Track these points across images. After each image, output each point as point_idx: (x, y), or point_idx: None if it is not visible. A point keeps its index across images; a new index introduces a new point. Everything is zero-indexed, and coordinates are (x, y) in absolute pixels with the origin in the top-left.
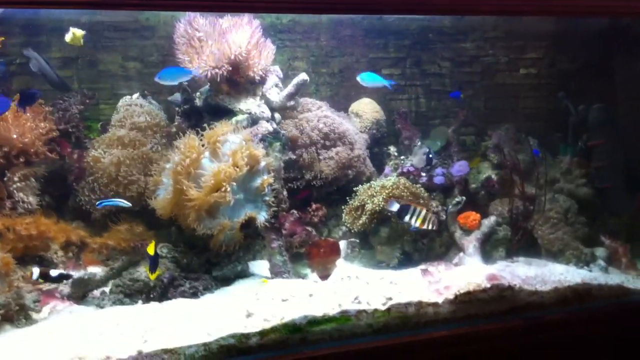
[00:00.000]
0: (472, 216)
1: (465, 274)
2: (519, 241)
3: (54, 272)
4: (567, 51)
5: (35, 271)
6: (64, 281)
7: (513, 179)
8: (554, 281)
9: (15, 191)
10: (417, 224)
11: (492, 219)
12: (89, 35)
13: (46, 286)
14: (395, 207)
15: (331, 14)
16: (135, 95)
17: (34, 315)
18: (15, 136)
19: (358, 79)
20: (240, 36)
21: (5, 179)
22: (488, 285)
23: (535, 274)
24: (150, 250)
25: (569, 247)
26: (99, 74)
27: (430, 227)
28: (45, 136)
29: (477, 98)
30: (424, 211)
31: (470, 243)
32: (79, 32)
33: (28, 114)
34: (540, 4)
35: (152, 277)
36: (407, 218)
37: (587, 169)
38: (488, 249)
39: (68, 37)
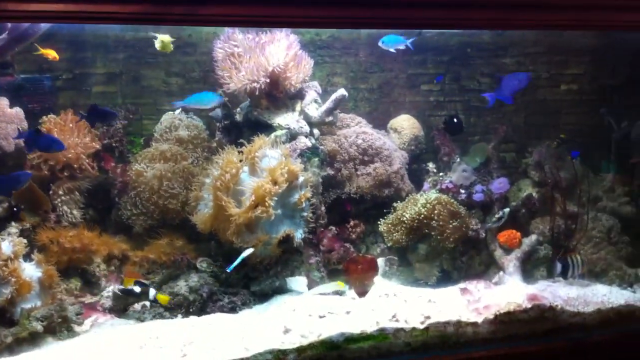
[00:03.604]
0: (513, 234)
1: (505, 293)
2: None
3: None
4: (609, 67)
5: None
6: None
7: (555, 197)
8: (597, 302)
9: (59, 204)
10: (580, 271)
11: (533, 237)
12: (133, 51)
13: (88, 299)
14: (559, 268)
15: (367, 28)
16: (178, 111)
17: (76, 328)
18: None
19: (380, 43)
20: (278, 49)
21: (50, 192)
22: (529, 306)
23: (578, 294)
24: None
25: (612, 267)
26: (142, 89)
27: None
28: (89, 150)
29: (518, 114)
30: (578, 257)
31: (511, 262)
32: (167, 38)
33: (71, 126)
34: (578, 18)
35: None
36: (570, 273)
37: (630, 187)
38: (529, 268)
39: (158, 45)
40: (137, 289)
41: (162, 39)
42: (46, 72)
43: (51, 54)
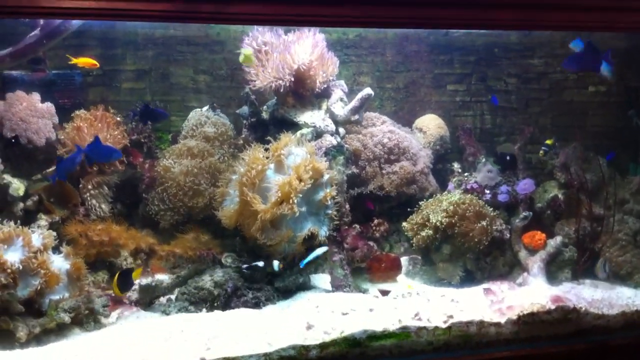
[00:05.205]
0: (538, 236)
1: (529, 294)
2: (586, 263)
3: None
4: (636, 68)
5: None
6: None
7: (580, 199)
8: (622, 305)
9: (88, 198)
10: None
11: (558, 239)
12: (162, 48)
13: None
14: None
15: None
16: (205, 108)
17: (103, 320)
18: None
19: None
20: (303, 47)
21: (79, 186)
22: (552, 307)
23: (602, 297)
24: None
25: (637, 271)
26: (170, 86)
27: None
28: (118, 146)
29: (544, 115)
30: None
31: (535, 263)
32: (249, 51)
33: (100, 125)
34: (605, 19)
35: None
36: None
37: None
38: (553, 270)
39: (241, 58)
40: (261, 263)
41: (245, 52)
42: (77, 68)
43: (83, 62)
